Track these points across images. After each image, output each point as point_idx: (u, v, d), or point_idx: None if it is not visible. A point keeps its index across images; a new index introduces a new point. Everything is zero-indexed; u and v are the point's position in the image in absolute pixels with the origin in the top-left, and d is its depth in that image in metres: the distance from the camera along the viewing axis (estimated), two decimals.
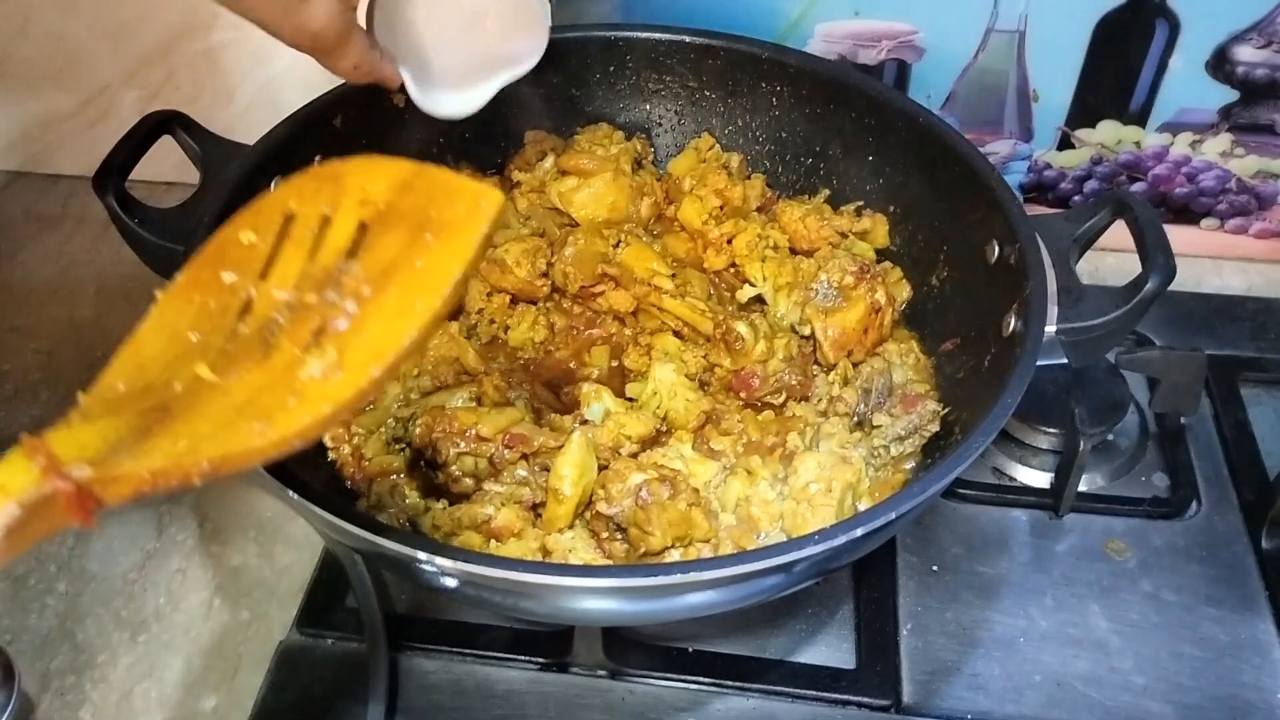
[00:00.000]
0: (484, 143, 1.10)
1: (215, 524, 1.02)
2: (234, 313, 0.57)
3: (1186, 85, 1.13)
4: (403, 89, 0.85)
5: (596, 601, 0.71)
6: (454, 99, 0.90)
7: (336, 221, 0.58)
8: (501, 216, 0.58)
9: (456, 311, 0.99)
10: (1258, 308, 1.19)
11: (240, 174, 0.89)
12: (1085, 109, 1.16)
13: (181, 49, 1.27)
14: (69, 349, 1.19)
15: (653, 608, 0.74)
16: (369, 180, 0.59)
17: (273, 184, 0.92)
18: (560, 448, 0.83)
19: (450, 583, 0.68)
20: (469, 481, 0.84)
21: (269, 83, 1.28)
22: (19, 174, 1.41)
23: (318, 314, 0.55)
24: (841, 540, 0.66)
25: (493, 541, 0.80)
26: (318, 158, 0.96)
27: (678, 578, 0.64)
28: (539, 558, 0.80)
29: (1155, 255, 0.79)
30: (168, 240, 0.85)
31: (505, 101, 1.09)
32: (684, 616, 0.85)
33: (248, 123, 0.94)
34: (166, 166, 0.94)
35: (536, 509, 0.83)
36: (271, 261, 0.58)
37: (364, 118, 0.99)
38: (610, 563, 0.80)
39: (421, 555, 0.65)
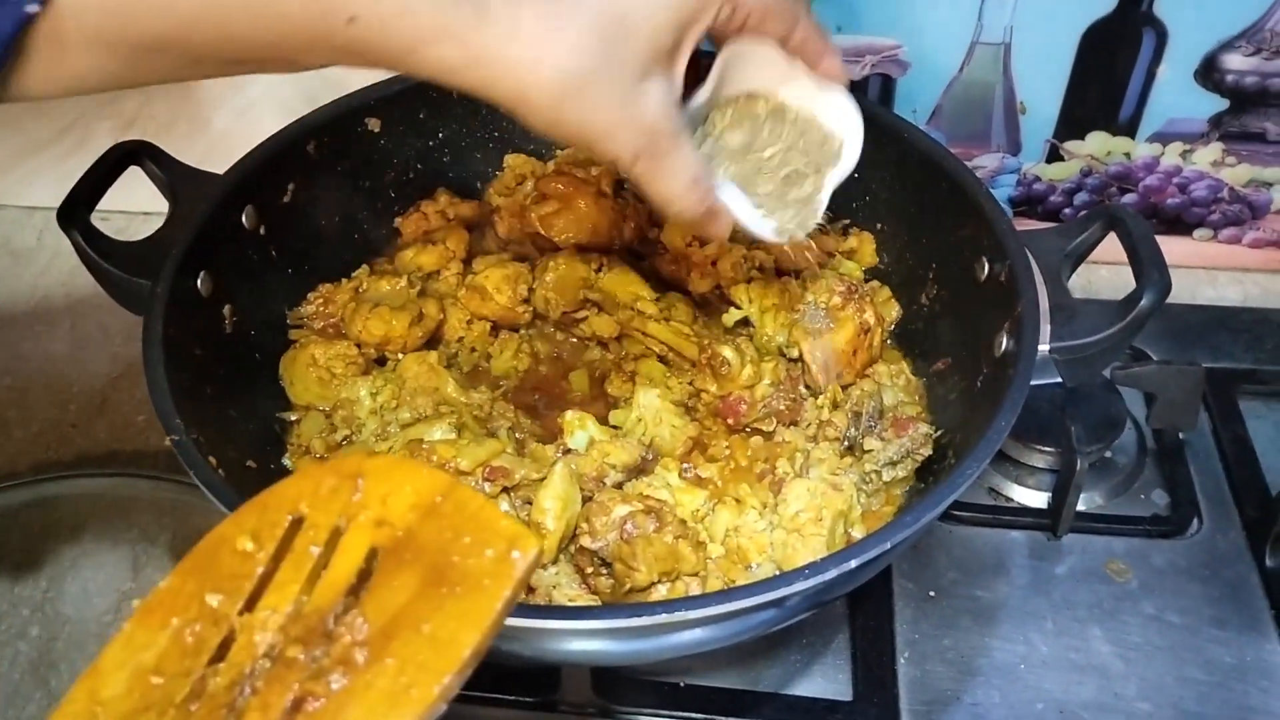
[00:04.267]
0: (463, 167, 1.08)
1: None
2: (208, 653, 0.49)
3: (1175, 94, 1.11)
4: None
5: (581, 643, 0.69)
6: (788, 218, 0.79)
7: (346, 543, 0.51)
8: (534, 569, 0.51)
9: (435, 340, 0.96)
10: (1254, 319, 1.17)
11: (211, 205, 0.87)
12: (1073, 120, 1.14)
13: None
14: (42, 386, 1.16)
15: (640, 647, 0.72)
16: (393, 491, 0.52)
17: (243, 213, 0.90)
18: (542, 479, 0.80)
19: None
20: None
21: (245, 109, 1.26)
22: None
23: (297, 679, 0.47)
24: (833, 573, 0.64)
25: None
26: (290, 186, 0.94)
27: (663, 617, 0.62)
28: (521, 595, 0.77)
29: (1149, 270, 0.77)
30: (136, 275, 0.82)
31: (484, 126, 1.08)
32: (674, 655, 0.83)
33: (224, 150, 0.92)
34: (143, 196, 0.91)
35: None
36: (265, 583, 0.51)
37: (338, 144, 0.97)
38: (596, 599, 0.78)
39: None
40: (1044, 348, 0.77)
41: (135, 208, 1.25)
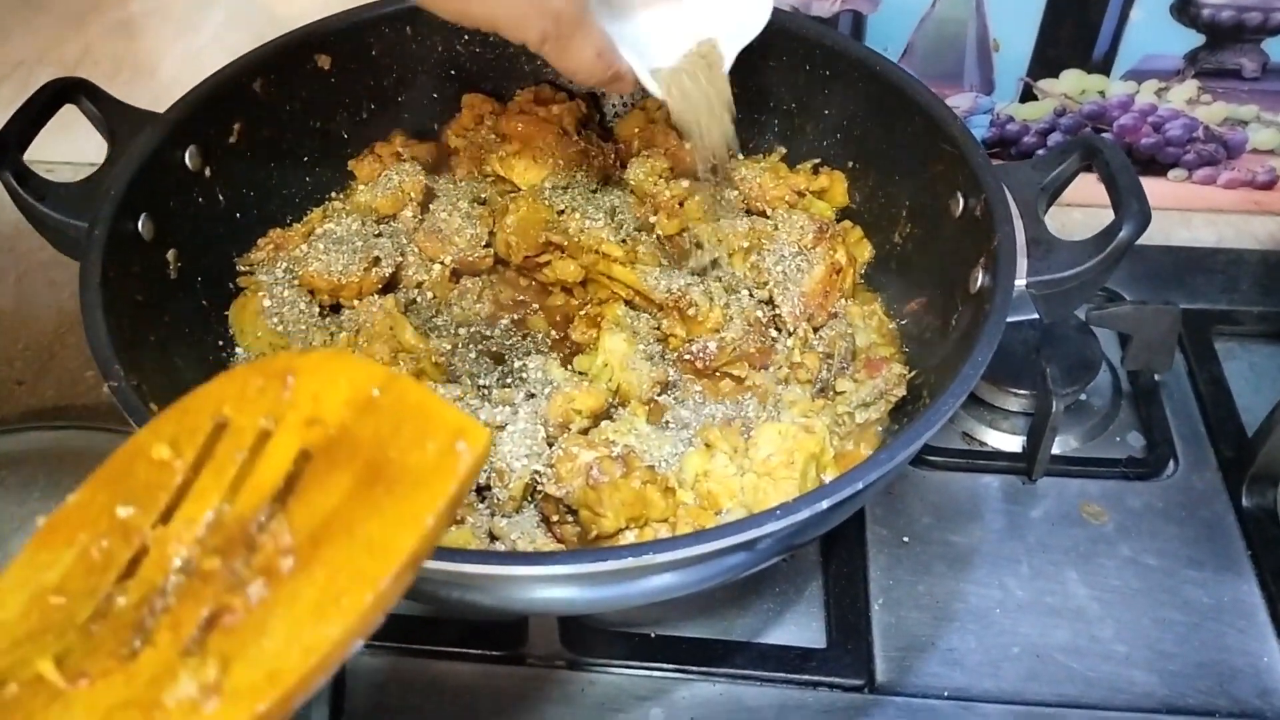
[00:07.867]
0: (419, 107, 1.03)
1: None
2: (116, 570, 0.45)
3: (1151, 30, 1.08)
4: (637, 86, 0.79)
5: (548, 590, 0.66)
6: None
7: (273, 445, 0.46)
8: (482, 464, 0.45)
9: (392, 285, 0.93)
10: (1228, 259, 1.15)
11: (151, 145, 0.83)
12: (1047, 58, 1.12)
13: (98, 20, 1.20)
14: None
15: (608, 594, 0.70)
16: (326, 388, 0.46)
17: (186, 153, 0.86)
18: (505, 426, 0.78)
19: None
20: None
21: (193, 54, 1.21)
22: None
23: (214, 591, 0.43)
24: (805, 514, 0.62)
25: None
26: (236, 126, 0.90)
27: (630, 561, 0.59)
28: (485, 544, 0.75)
29: (1128, 201, 0.74)
30: (72, 216, 0.79)
31: (440, 64, 1.03)
32: (643, 602, 0.81)
33: (172, 97, 0.88)
34: (91, 147, 0.87)
35: (482, 493, 0.78)
36: (182, 493, 0.46)
37: (286, 82, 0.93)
38: (561, 548, 0.76)
39: None
40: (1021, 282, 0.74)
41: (82, 158, 1.20)
